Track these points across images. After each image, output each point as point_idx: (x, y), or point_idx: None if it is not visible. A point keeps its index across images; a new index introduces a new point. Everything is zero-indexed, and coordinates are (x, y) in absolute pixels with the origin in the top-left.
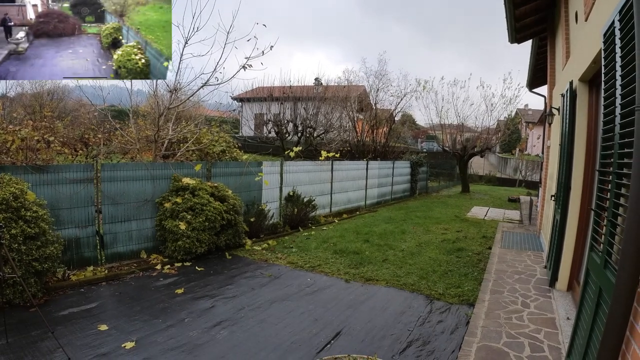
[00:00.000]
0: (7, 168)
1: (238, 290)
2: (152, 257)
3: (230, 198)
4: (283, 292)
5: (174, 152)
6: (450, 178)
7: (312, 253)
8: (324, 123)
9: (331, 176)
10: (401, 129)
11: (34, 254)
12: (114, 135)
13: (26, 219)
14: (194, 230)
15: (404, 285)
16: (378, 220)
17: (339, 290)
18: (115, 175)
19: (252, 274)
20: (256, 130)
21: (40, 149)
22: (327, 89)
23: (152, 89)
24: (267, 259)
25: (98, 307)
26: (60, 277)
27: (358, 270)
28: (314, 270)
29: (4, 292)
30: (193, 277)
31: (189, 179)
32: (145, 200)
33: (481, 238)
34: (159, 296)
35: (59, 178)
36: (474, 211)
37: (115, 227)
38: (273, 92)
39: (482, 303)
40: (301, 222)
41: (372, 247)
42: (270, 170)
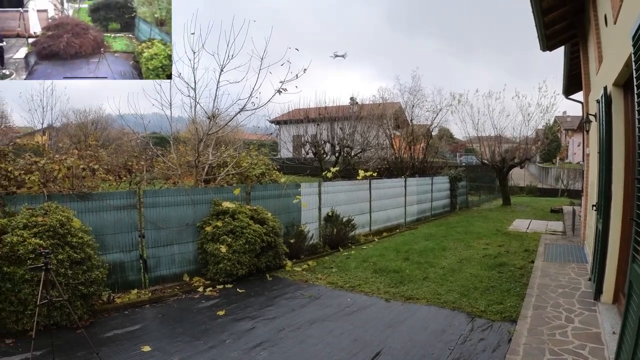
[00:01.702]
0: (54, 196)
1: (278, 311)
2: (194, 279)
3: (270, 220)
4: (323, 313)
5: (215, 177)
6: (490, 191)
7: (352, 273)
8: (361, 142)
9: (369, 195)
10: (438, 144)
11: (80, 278)
12: (156, 161)
13: (72, 244)
14: (235, 253)
15: (444, 303)
16: (418, 237)
17: (378, 309)
18: (157, 201)
19: (292, 294)
20: (294, 152)
21: (86, 176)
22: (363, 107)
23: (191, 116)
24: (307, 279)
25: (141, 329)
26: (105, 300)
27: (398, 289)
28: (353, 290)
29: (52, 315)
30: (234, 298)
31: (229, 202)
32: (186, 225)
33: (523, 252)
34: (201, 318)
35: (103, 205)
36: (515, 224)
37: (158, 251)
38: (309, 113)
39: (524, 319)
40: (341, 241)
41: (412, 265)
42: (308, 191)
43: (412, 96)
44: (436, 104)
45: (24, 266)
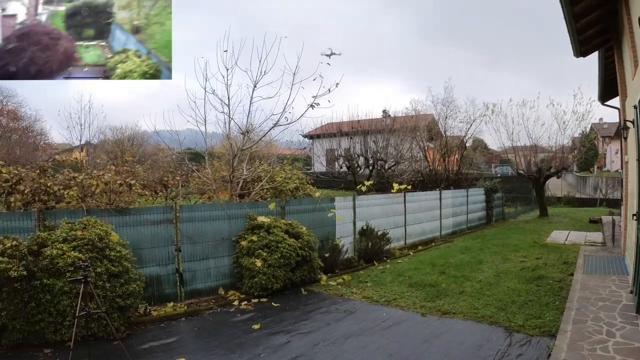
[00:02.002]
0: (93, 211)
1: (313, 326)
2: (230, 293)
3: (305, 234)
4: (358, 327)
5: (249, 191)
6: (526, 202)
7: (387, 287)
8: (395, 154)
9: (404, 208)
10: (473, 155)
11: (118, 291)
12: (191, 176)
13: (110, 258)
14: (270, 267)
15: (482, 318)
16: (454, 250)
17: (414, 324)
18: (193, 215)
19: (327, 309)
20: (328, 166)
21: (123, 191)
22: (395, 120)
23: (225, 131)
24: (342, 294)
25: (177, 342)
26: (141, 313)
27: (434, 303)
28: (389, 305)
29: (90, 326)
30: (269, 312)
31: (264, 217)
32: (222, 239)
33: (562, 264)
34: (236, 331)
35: (140, 219)
36: (553, 236)
37: (194, 265)
38: (342, 127)
39: (564, 334)
40: (375, 255)
41: (449, 278)
42: (343, 205)
43: (445, 107)
44: (469, 115)
45: (63, 278)
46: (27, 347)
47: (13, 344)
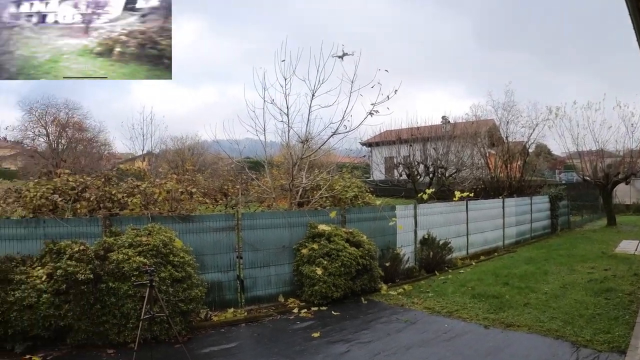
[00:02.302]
0: (157, 218)
1: (374, 336)
2: (289, 301)
3: (365, 243)
4: (419, 338)
5: (308, 200)
6: (593, 210)
7: (449, 298)
8: (455, 162)
9: (466, 217)
10: (536, 161)
11: (180, 296)
12: (250, 185)
13: (174, 263)
14: (330, 276)
15: (547, 331)
16: (518, 261)
17: (477, 336)
18: (255, 223)
19: (387, 319)
20: (387, 174)
21: (184, 199)
22: (456, 126)
23: (284, 140)
24: (402, 304)
25: (237, 347)
26: (202, 318)
27: (498, 315)
28: (451, 316)
29: (152, 329)
30: (329, 321)
31: (325, 225)
32: (282, 247)
33: (632, 276)
34: (296, 339)
35: (203, 227)
36: (622, 246)
37: (254, 272)
38: (401, 134)
39: (634, 350)
40: (437, 265)
41: (513, 290)
42: (403, 213)
43: (506, 112)
44: (531, 119)
45: (128, 282)
46: (91, 347)
47: (78, 344)
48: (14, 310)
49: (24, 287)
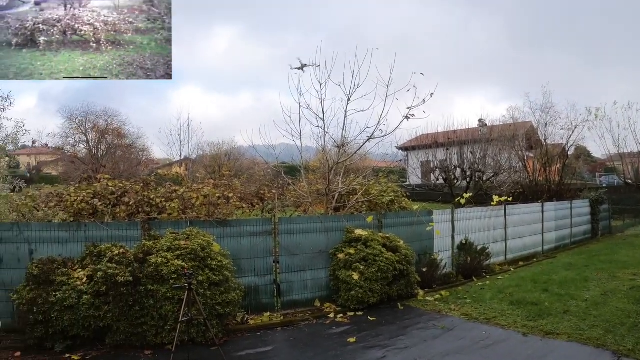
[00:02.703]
0: (195, 222)
1: (410, 342)
2: (325, 305)
3: (402, 248)
4: (456, 345)
5: (345, 204)
6: (635, 214)
7: (487, 304)
8: (493, 165)
9: (505, 222)
10: (575, 164)
11: (218, 299)
12: (287, 189)
13: (212, 267)
14: (367, 281)
15: (587, 340)
16: (557, 267)
17: (515, 344)
18: (292, 228)
19: (424, 325)
20: (423, 178)
21: (221, 204)
22: (493, 129)
23: (320, 145)
24: (439, 310)
25: (273, 351)
26: (239, 321)
27: (536, 322)
28: (489, 323)
29: (190, 331)
30: (365, 326)
31: (361, 230)
32: (319, 252)
33: None
34: (331, 344)
35: (240, 231)
36: None
37: (291, 277)
38: (437, 138)
39: None
40: (475, 271)
41: (552, 297)
42: (441, 218)
43: (544, 114)
44: (570, 121)
45: (167, 285)
46: (129, 347)
47: (116, 344)
48: (55, 311)
49: (65, 289)
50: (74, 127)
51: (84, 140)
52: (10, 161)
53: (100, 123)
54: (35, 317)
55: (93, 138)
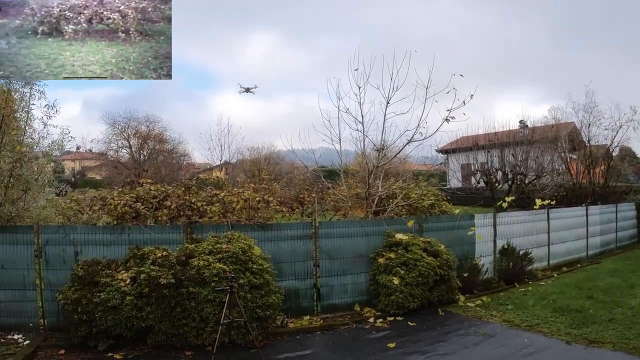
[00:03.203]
0: (237, 226)
1: (450, 348)
2: (365, 310)
3: (443, 253)
4: (497, 352)
5: (384, 208)
6: None
7: (529, 311)
8: (535, 168)
9: (547, 226)
10: (620, 166)
11: (258, 302)
12: (326, 193)
13: (252, 270)
14: (407, 285)
15: (633, 350)
16: (602, 273)
17: (558, 352)
18: (332, 232)
19: (465, 331)
20: (464, 182)
21: (261, 208)
22: (535, 130)
23: (360, 149)
24: (481, 316)
25: (312, 355)
26: (279, 324)
27: (580, 330)
28: (531, 330)
29: (230, 333)
30: (405, 331)
31: (402, 234)
32: (359, 256)
33: None
34: (371, 349)
35: (281, 235)
36: None
37: (331, 281)
38: (478, 140)
39: None
40: (516, 276)
41: (596, 304)
42: (482, 222)
43: (587, 114)
44: (614, 121)
45: (208, 288)
46: (170, 348)
47: (157, 345)
48: (99, 311)
49: (109, 289)
50: (117, 133)
51: (127, 146)
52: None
53: (142, 129)
54: (79, 316)
55: (135, 143)
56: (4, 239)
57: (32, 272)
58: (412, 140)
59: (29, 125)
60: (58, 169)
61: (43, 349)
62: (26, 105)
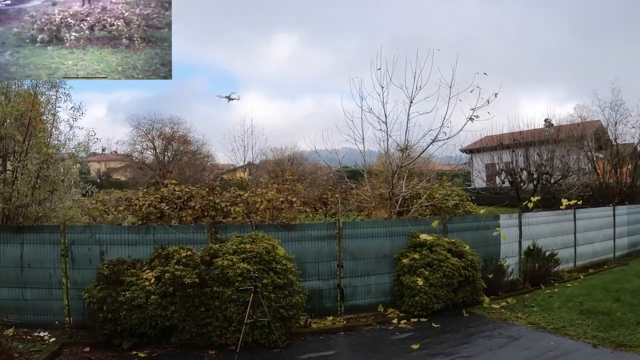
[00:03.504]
0: (261, 226)
1: (475, 350)
2: (389, 311)
3: (468, 254)
4: (523, 355)
5: (408, 208)
6: None
7: (555, 313)
8: (561, 167)
9: (574, 226)
10: None
11: (282, 302)
12: (349, 194)
13: (276, 270)
14: (432, 287)
15: None
16: (629, 274)
17: (585, 356)
18: (356, 232)
19: (490, 333)
20: (488, 181)
21: (284, 208)
22: (560, 129)
23: (383, 149)
24: (505, 318)
25: (335, 355)
26: (302, 324)
27: (608, 333)
28: (557, 333)
29: (254, 333)
30: (429, 333)
31: (426, 235)
32: (383, 256)
33: None
34: (394, 350)
35: (304, 235)
36: None
37: (354, 281)
38: (502, 139)
39: None
40: (542, 278)
41: (624, 306)
42: (507, 223)
43: (614, 112)
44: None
45: (232, 287)
46: (194, 347)
47: (181, 343)
48: (124, 309)
49: (134, 288)
50: (141, 134)
51: (151, 147)
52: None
53: (166, 131)
54: (104, 315)
55: (159, 145)
56: (31, 238)
57: (59, 271)
58: (436, 139)
59: (55, 127)
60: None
61: (68, 346)
62: (52, 108)
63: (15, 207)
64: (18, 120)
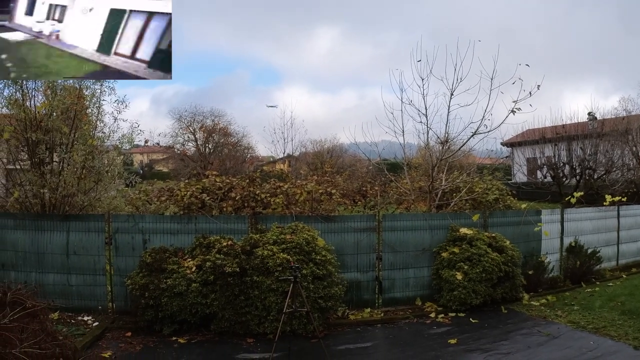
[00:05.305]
0: (300, 217)
1: (513, 347)
2: (427, 304)
3: (508, 249)
4: (561, 354)
5: (448, 202)
6: None
7: (596, 312)
8: (604, 162)
9: (617, 224)
10: None
11: (320, 293)
12: (389, 187)
13: (316, 261)
14: (470, 281)
15: None
16: None
17: (625, 357)
18: (395, 225)
19: (528, 330)
20: (529, 176)
21: (324, 200)
22: (604, 123)
23: (424, 141)
24: (545, 315)
25: (372, 347)
26: (339, 315)
27: None
28: (597, 332)
29: (292, 323)
30: (467, 328)
31: (466, 229)
32: (422, 249)
33: None
34: (431, 344)
35: (344, 227)
36: None
37: (393, 274)
38: (544, 133)
39: None
40: (583, 276)
41: None
42: (549, 218)
43: None
44: None
45: (272, 277)
46: (232, 335)
47: (220, 331)
48: (165, 296)
49: (175, 276)
50: (183, 127)
51: (193, 139)
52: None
53: (207, 123)
54: (146, 301)
55: (201, 137)
56: (76, 226)
57: (102, 258)
58: (477, 132)
59: (100, 120)
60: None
61: (111, 330)
62: (97, 101)
63: (62, 197)
64: (64, 114)
